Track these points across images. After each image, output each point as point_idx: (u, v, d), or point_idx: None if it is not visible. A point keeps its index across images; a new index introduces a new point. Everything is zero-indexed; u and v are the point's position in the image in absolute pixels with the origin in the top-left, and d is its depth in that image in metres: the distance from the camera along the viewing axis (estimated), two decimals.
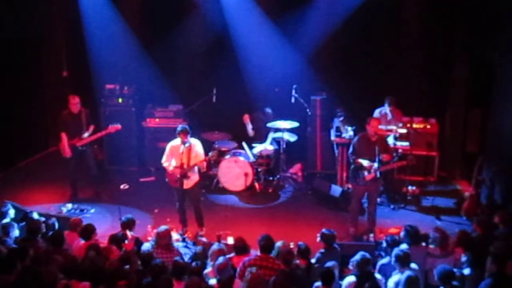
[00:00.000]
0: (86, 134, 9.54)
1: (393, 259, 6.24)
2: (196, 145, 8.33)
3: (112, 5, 11.05)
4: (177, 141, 8.28)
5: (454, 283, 5.83)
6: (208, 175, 10.29)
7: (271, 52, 11.06)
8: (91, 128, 9.66)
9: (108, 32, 11.05)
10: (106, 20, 11.03)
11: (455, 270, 6.07)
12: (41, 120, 12.17)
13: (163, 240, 6.86)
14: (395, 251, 6.29)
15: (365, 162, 8.19)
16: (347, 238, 8.33)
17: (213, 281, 6.16)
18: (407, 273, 5.88)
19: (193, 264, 6.40)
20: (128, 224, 7.25)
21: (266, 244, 6.47)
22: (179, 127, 8.26)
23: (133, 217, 7.42)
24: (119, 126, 9.72)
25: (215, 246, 6.77)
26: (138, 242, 7.13)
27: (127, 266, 6.19)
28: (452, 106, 10.73)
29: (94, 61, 11.17)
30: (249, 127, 10.66)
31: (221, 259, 6.32)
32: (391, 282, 6.06)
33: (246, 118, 10.69)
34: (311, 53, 10.78)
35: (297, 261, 6.58)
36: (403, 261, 6.14)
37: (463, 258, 6.46)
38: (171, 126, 10.52)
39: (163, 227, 7.05)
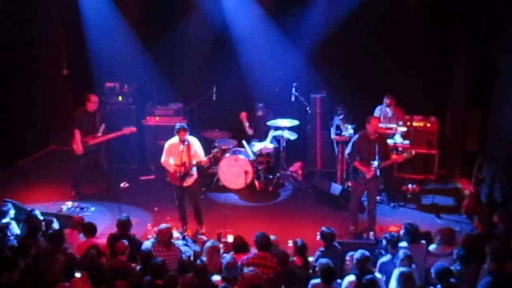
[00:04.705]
0: (100, 133, 9.56)
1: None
2: (194, 143, 8.35)
3: (112, 4, 11.01)
4: (175, 140, 8.29)
5: (452, 280, 5.82)
6: (208, 173, 10.31)
7: (271, 50, 11.06)
8: (102, 126, 9.64)
9: (108, 30, 11.03)
10: (106, 19, 11.00)
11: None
12: (41, 119, 12.17)
13: (164, 237, 6.89)
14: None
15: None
16: (347, 236, 8.33)
17: (216, 278, 6.18)
18: (401, 269, 5.88)
19: (198, 262, 6.39)
20: (126, 225, 7.22)
21: (263, 242, 6.48)
22: (178, 125, 8.27)
23: (129, 217, 7.37)
24: (133, 128, 9.76)
25: (209, 243, 6.79)
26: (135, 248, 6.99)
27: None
28: (452, 105, 10.71)
29: (94, 59, 11.15)
30: (246, 125, 10.68)
31: (228, 257, 6.35)
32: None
33: (243, 116, 10.70)
34: (311, 51, 10.76)
35: (294, 258, 6.59)
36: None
37: (454, 254, 6.42)
38: (171, 124, 10.45)
39: (164, 225, 7.08)
